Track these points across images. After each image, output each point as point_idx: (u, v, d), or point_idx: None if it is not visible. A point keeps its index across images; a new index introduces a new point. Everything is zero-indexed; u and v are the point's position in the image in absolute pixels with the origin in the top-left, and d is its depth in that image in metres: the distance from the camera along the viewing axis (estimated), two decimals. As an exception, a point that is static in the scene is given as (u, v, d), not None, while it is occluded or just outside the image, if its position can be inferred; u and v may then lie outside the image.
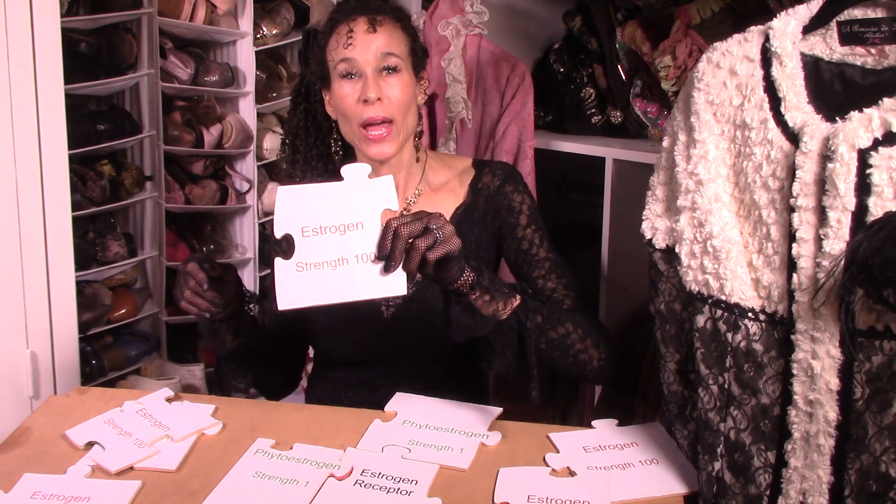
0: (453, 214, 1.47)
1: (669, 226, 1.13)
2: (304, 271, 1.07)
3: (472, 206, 1.48)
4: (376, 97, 1.37)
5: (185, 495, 1.11)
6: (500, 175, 1.49)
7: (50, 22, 1.38)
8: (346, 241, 1.07)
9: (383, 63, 1.39)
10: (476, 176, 1.51)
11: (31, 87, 1.37)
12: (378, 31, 1.39)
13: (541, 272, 1.44)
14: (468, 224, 1.47)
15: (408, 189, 1.49)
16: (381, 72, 1.39)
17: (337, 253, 1.07)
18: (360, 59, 1.38)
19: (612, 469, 1.17)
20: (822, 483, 0.99)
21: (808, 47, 1.04)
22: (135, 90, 2.45)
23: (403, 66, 1.41)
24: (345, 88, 1.40)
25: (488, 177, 1.50)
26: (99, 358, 2.39)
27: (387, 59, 1.39)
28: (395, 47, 1.40)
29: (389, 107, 1.38)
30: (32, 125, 1.37)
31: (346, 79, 1.40)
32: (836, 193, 0.93)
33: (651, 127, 2.01)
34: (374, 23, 1.40)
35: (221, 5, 2.49)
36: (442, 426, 1.26)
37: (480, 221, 1.48)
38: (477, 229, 1.47)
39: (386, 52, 1.39)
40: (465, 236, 1.42)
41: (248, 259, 2.67)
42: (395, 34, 1.41)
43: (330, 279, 1.06)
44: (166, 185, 2.49)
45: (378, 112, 1.37)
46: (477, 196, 1.49)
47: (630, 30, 1.99)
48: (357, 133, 1.40)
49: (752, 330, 1.03)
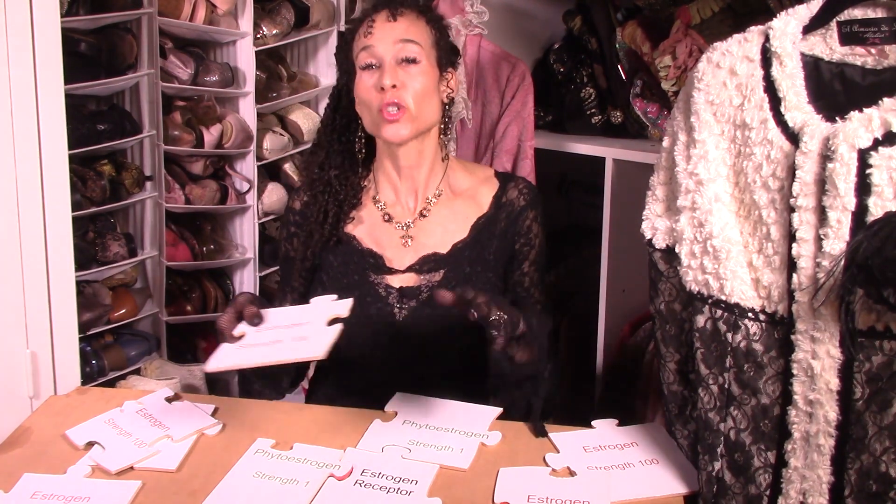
0: (475, 224, 1.48)
1: (669, 226, 1.13)
2: (243, 348, 1.19)
3: (495, 219, 1.49)
4: (391, 84, 1.37)
5: (185, 495, 1.11)
6: (525, 196, 1.51)
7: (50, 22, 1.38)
8: (289, 331, 1.19)
9: (402, 52, 1.39)
10: (500, 189, 1.51)
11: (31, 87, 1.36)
12: (398, 20, 1.41)
13: None
14: (488, 236, 1.48)
15: (428, 188, 1.49)
16: (400, 62, 1.40)
17: (276, 337, 1.19)
18: (379, 47, 1.39)
19: (612, 469, 1.17)
20: (822, 483, 0.99)
21: (808, 47, 1.04)
22: (135, 90, 2.45)
23: (424, 56, 1.41)
24: (364, 79, 1.41)
25: (513, 193, 1.51)
26: (99, 358, 2.39)
27: (406, 47, 1.39)
28: (416, 35, 1.41)
29: (405, 94, 1.39)
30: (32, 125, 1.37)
31: (366, 70, 1.41)
32: (836, 193, 0.93)
33: (651, 127, 2.01)
34: (395, 13, 1.42)
35: (221, 5, 2.49)
36: (442, 426, 1.26)
37: (501, 235, 1.49)
38: (497, 242, 1.48)
39: (405, 39, 1.40)
40: (485, 247, 1.46)
41: (248, 259, 2.67)
42: (416, 24, 1.42)
43: (259, 350, 1.18)
44: (166, 185, 2.48)
45: (393, 98, 1.38)
46: (500, 210, 1.49)
47: (630, 30, 1.99)
48: (375, 118, 1.41)
49: (752, 330, 1.03)
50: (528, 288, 1.50)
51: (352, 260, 1.47)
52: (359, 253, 1.48)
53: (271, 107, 2.68)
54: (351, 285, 1.46)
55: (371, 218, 1.51)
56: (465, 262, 1.45)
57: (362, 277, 1.46)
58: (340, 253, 1.49)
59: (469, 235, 1.47)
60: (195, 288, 2.64)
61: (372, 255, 1.47)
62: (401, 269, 1.46)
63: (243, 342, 1.20)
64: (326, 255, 1.49)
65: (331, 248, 1.49)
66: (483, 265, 1.46)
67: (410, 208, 1.50)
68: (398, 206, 1.50)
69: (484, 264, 1.46)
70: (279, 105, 2.70)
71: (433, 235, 1.47)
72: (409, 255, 1.47)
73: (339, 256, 1.48)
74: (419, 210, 1.49)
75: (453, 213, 1.48)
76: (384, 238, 1.48)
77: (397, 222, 1.49)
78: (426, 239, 1.47)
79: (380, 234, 1.49)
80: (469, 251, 1.46)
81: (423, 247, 1.47)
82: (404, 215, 1.49)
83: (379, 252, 1.47)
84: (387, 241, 1.48)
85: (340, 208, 1.49)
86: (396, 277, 1.46)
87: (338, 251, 1.49)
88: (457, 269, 1.45)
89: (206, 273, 2.67)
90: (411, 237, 1.47)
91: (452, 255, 1.45)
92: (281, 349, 1.16)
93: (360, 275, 1.46)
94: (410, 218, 1.49)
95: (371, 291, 1.45)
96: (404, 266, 1.46)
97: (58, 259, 1.43)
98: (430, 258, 1.45)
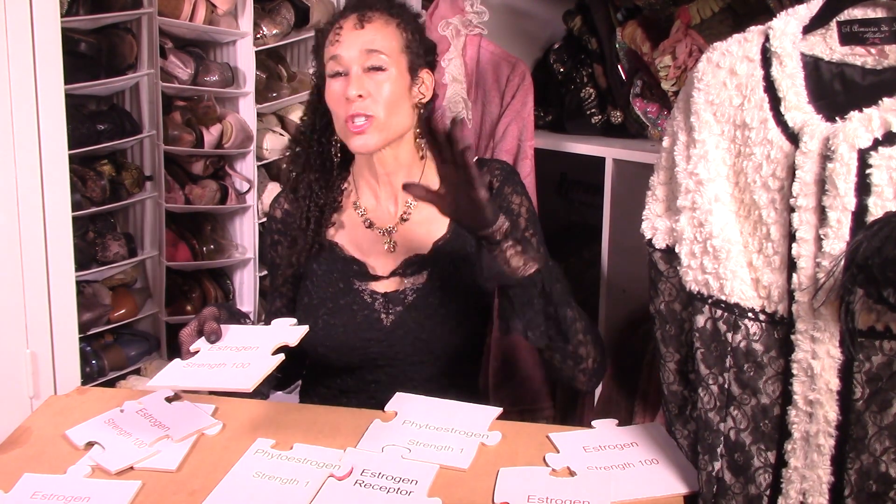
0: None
1: (669, 226, 1.13)
2: (188, 367, 1.19)
3: None
4: (357, 94, 1.36)
5: (185, 495, 1.11)
6: (499, 176, 1.49)
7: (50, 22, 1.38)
8: (236, 355, 1.20)
9: (368, 60, 1.38)
10: None
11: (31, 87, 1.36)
12: (366, 28, 1.39)
13: None
14: None
15: None
16: (367, 70, 1.38)
17: (222, 360, 1.19)
18: (345, 55, 1.38)
19: (612, 469, 1.17)
20: (822, 483, 0.99)
21: (808, 47, 1.04)
22: (135, 90, 2.45)
23: (392, 63, 1.39)
24: (332, 87, 1.40)
25: (487, 176, 1.49)
26: (99, 358, 2.39)
27: (371, 56, 1.38)
28: (382, 44, 1.38)
29: (371, 104, 1.37)
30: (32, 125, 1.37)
31: (334, 77, 1.39)
32: (836, 193, 0.93)
33: (651, 127, 2.01)
34: (362, 19, 1.39)
35: (221, 5, 2.49)
36: (442, 426, 1.26)
37: None
38: None
39: (370, 49, 1.38)
40: (466, 239, 1.44)
41: (248, 259, 2.67)
42: (384, 31, 1.40)
43: (201, 372, 1.18)
44: (166, 185, 2.49)
45: (359, 109, 1.36)
46: None
47: (630, 30, 1.99)
48: (342, 128, 1.40)
49: (752, 330, 1.03)
50: None
51: (336, 268, 1.47)
52: (342, 261, 1.47)
53: (271, 107, 2.68)
54: (337, 293, 1.46)
55: (352, 224, 1.50)
56: (447, 259, 1.44)
57: (347, 285, 1.46)
58: (324, 261, 1.48)
59: (449, 231, 1.46)
60: (195, 288, 2.65)
61: (356, 263, 1.47)
62: (384, 276, 1.46)
63: (192, 360, 1.20)
64: (311, 263, 1.49)
65: (314, 257, 1.49)
66: (467, 259, 1.43)
67: (391, 213, 1.49)
68: (379, 210, 1.49)
69: (467, 258, 1.44)
70: (279, 105, 2.70)
71: (416, 238, 1.47)
72: (391, 261, 1.46)
73: (322, 265, 1.48)
74: (400, 214, 1.48)
75: (433, 213, 1.47)
76: (366, 244, 1.48)
77: (379, 228, 1.48)
78: (409, 243, 1.47)
79: (362, 240, 1.48)
80: (450, 247, 1.45)
81: (405, 251, 1.46)
82: (386, 221, 1.48)
83: (362, 259, 1.47)
84: (369, 247, 1.48)
85: (322, 213, 1.49)
86: (381, 283, 1.45)
87: (321, 259, 1.48)
88: (440, 268, 1.44)
89: (206, 273, 2.67)
90: (395, 242, 1.47)
91: (434, 255, 1.45)
92: (217, 375, 1.16)
93: (346, 283, 1.46)
94: (392, 223, 1.48)
95: (357, 299, 1.45)
96: (388, 272, 1.46)
97: (58, 259, 1.43)
98: (412, 261, 1.45)
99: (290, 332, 1.23)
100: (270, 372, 1.15)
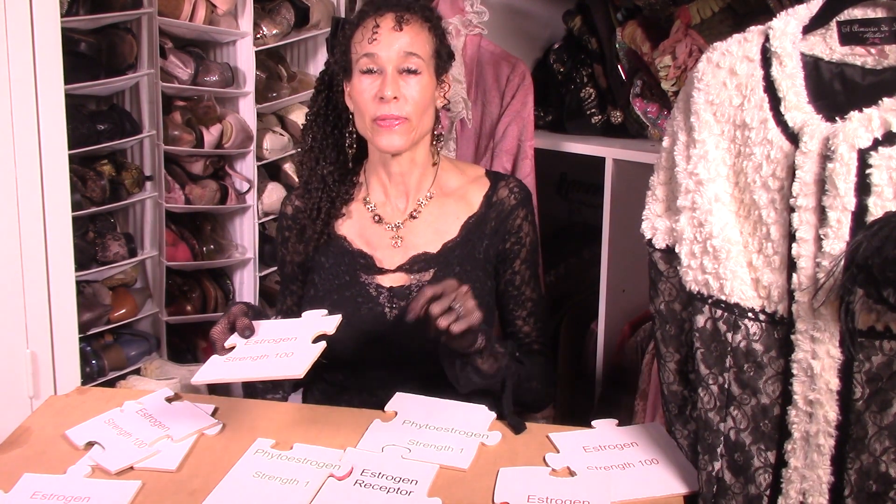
0: (465, 223, 1.48)
1: (669, 226, 1.13)
2: (230, 361, 1.21)
3: (485, 218, 1.49)
4: (393, 95, 1.37)
5: (185, 495, 1.11)
6: (516, 195, 1.51)
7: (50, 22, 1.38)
8: (276, 346, 1.22)
9: (405, 63, 1.39)
10: (491, 188, 1.51)
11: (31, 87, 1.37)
12: (404, 30, 1.40)
13: (522, 313, 1.52)
14: (479, 235, 1.48)
15: (420, 190, 1.50)
16: (401, 72, 1.39)
17: (262, 352, 1.21)
18: (382, 55, 1.39)
19: (612, 469, 1.17)
20: (822, 483, 0.99)
21: (808, 47, 1.04)
22: (135, 90, 2.45)
23: (425, 68, 1.41)
24: (364, 83, 1.40)
25: (504, 192, 1.51)
26: (99, 358, 2.39)
27: (409, 59, 1.39)
28: (419, 48, 1.40)
29: (405, 106, 1.39)
30: (32, 125, 1.37)
31: (366, 74, 1.40)
32: (836, 193, 0.93)
33: (651, 127, 2.01)
34: (401, 21, 1.40)
35: (221, 5, 2.49)
36: (442, 426, 1.26)
37: (492, 234, 1.49)
38: (487, 241, 1.48)
39: (409, 52, 1.39)
40: (475, 246, 1.47)
41: (248, 259, 2.67)
42: (420, 35, 1.41)
43: (245, 364, 1.20)
44: (166, 185, 2.48)
45: (393, 110, 1.38)
46: (490, 209, 1.49)
47: (630, 30, 1.99)
48: (369, 125, 1.41)
49: (752, 330, 1.03)
50: (519, 286, 1.51)
51: (343, 261, 1.48)
52: (349, 253, 1.48)
53: (271, 107, 2.68)
54: (342, 286, 1.46)
55: (361, 218, 1.51)
56: (454, 261, 1.46)
57: (353, 278, 1.47)
58: (331, 254, 1.49)
59: (459, 235, 1.47)
60: (195, 288, 2.64)
61: (363, 256, 1.48)
62: (391, 269, 1.46)
63: (232, 355, 1.22)
64: (318, 256, 1.50)
65: (322, 250, 1.50)
66: (473, 264, 1.46)
67: (401, 209, 1.50)
68: (388, 206, 1.51)
69: (474, 263, 1.46)
70: (279, 105, 2.70)
71: (423, 236, 1.48)
72: (399, 256, 1.47)
73: (330, 258, 1.49)
74: (409, 212, 1.49)
75: (444, 213, 1.49)
76: (374, 238, 1.49)
77: (387, 223, 1.49)
78: (416, 239, 1.48)
79: (370, 234, 1.49)
80: (459, 250, 1.46)
81: (413, 247, 1.47)
82: (394, 216, 1.50)
83: (369, 252, 1.48)
84: (377, 241, 1.49)
85: (333, 205, 1.50)
86: (387, 277, 1.46)
87: (329, 252, 1.49)
88: (446, 268, 1.45)
89: (206, 273, 2.67)
90: (401, 238, 1.48)
91: (442, 255, 1.46)
92: (264, 365, 1.18)
93: (352, 275, 1.47)
94: (400, 219, 1.49)
95: (362, 292, 1.45)
96: (394, 266, 1.47)
97: (58, 259, 1.43)
98: (419, 258, 1.46)
99: (327, 322, 1.25)
100: (316, 358, 1.16)
